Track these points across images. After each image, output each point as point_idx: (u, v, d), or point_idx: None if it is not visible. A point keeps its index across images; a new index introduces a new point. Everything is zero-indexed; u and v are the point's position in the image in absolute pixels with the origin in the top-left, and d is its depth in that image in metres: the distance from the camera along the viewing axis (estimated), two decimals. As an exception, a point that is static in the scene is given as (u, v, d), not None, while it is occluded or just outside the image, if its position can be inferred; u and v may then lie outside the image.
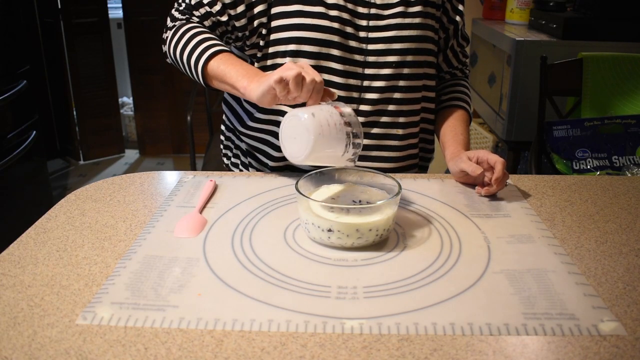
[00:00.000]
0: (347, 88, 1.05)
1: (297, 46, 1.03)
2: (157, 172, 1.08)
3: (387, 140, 1.10)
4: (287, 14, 1.03)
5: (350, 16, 1.03)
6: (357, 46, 1.05)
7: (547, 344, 0.60)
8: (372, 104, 1.07)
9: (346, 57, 1.04)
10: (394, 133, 1.10)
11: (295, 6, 1.03)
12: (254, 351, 0.58)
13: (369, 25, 1.05)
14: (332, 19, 1.02)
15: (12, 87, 2.21)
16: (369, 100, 1.07)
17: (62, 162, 3.46)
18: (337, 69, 1.04)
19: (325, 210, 0.79)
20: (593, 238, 0.83)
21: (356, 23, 1.04)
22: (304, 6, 1.02)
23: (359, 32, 1.04)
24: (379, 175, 0.88)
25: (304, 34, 1.02)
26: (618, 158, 1.56)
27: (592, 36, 1.96)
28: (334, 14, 1.02)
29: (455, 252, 0.78)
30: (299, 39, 1.03)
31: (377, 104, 1.07)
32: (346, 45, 1.04)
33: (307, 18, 1.02)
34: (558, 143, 1.62)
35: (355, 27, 1.04)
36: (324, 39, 1.02)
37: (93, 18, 3.26)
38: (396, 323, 0.63)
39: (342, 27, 1.03)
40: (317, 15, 1.02)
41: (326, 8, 1.02)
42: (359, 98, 1.07)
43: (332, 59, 1.04)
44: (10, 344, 0.59)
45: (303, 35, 1.02)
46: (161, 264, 0.74)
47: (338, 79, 1.05)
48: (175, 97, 3.43)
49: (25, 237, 0.82)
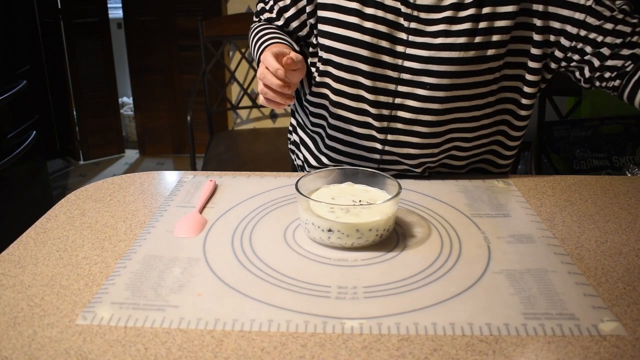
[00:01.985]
0: (377, 105, 0.98)
1: (328, 55, 1.00)
2: (157, 172, 1.08)
3: (417, 159, 1.02)
4: (324, 20, 0.99)
5: (388, 28, 0.94)
6: (392, 62, 0.95)
7: (547, 344, 0.60)
8: (405, 123, 0.99)
9: (376, 73, 0.96)
10: (427, 153, 1.01)
11: (332, 13, 0.97)
12: (254, 351, 0.58)
13: (408, 39, 0.94)
14: (364, 32, 0.94)
15: (12, 87, 2.21)
16: (401, 119, 0.99)
17: (62, 162, 3.46)
18: (365, 84, 0.97)
19: (325, 210, 0.79)
20: (593, 238, 0.83)
21: (395, 36, 0.94)
22: (339, 14, 0.96)
23: (396, 46, 0.94)
24: (379, 175, 0.88)
25: (332, 44, 0.98)
26: (618, 158, 1.56)
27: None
28: (368, 26, 0.94)
29: (455, 252, 0.78)
30: (330, 48, 0.99)
31: (410, 124, 0.99)
32: (377, 60, 0.95)
33: (339, 28, 0.96)
34: (558, 143, 1.62)
35: (392, 41, 0.94)
36: (351, 52, 0.96)
37: (93, 18, 3.26)
38: (396, 323, 0.63)
39: (374, 41, 0.94)
40: (350, 26, 0.95)
41: (361, 19, 0.94)
42: (390, 116, 0.99)
43: (359, 73, 0.97)
44: (10, 344, 0.59)
45: (334, 45, 0.98)
46: (161, 264, 0.74)
47: (367, 95, 0.98)
48: (175, 97, 3.43)
49: (25, 237, 0.82)
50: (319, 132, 1.10)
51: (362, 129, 1.02)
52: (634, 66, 0.90)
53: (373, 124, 1.00)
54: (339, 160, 1.08)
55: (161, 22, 3.28)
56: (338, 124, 1.04)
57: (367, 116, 1.00)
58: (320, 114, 1.07)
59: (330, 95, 1.02)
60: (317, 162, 1.12)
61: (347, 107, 1.01)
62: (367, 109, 0.99)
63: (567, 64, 0.97)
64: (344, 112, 1.02)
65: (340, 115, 1.02)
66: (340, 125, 1.04)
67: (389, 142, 1.01)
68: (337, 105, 1.02)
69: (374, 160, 1.05)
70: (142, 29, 3.29)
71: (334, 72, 1.00)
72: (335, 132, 1.05)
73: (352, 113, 1.01)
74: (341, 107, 1.02)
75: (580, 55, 0.94)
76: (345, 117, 1.02)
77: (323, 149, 1.09)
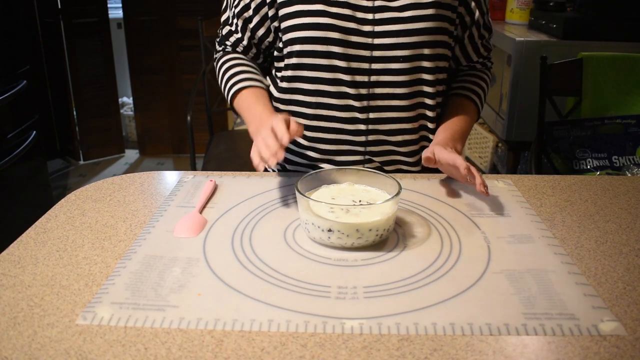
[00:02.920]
0: (355, 85, 1.04)
1: (301, 46, 1.04)
2: (157, 172, 1.08)
3: (401, 135, 1.09)
4: (289, 15, 1.04)
5: (351, 11, 1.01)
6: (362, 41, 1.01)
7: (547, 344, 0.60)
8: (383, 99, 1.05)
9: (350, 54, 1.02)
10: (409, 127, 1.09)
11: (296, 6, 1.03)
12: (254, 351, 0.58)
13: (374, 18, 1.01)
14: (331, 16, 1.01)
15: (12, 87, 2.21)
16: (378, 95, 1.05)
17: (62, 162, 3.46)
18: (341, 66, 1.02)
19: (325, 210, 0.79)
20: (593, 238, 0.83)
21: (359, 17, 1.01)
22: (304, 5, 1.02)
23: (362, 27, 1.01)
24: (379, 175, 0.88)
25: (303, 34, 1.03)
26: (618, 158, 1.56)
27: (592, 36, 1.96)
28: (333, 11, 1.01)
29: (455, 252, 0.78)
30: (301, 38, 1.03)
31: (388, 98, 1.05)
32: (348, 41, 1.01)
33: (305, 17, 1.02)
34: (558, 143, 1.62)
35: (358, 22, 1.01)
36: (322, 37, 1.01)
37: (93, 18, 3.26)
38: (396, 323, 0.63)
39: (342, 23, 1.01)
40: (316, 13, 1.02)
41: (326, 5, 1.01)
42: (368, 94, 1.05)
43: (334, 56, 1.02)
44: (10, 344, 0.59)
45: (303, 35, 1.03)
46: (161, 264, 0.74)
47: (344, 76, 1.03)
48: (175, 97, 3.43)
49: (25, 237, 0.82)
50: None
51: (344, 113, 1.06)
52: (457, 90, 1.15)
53: (354, 104, 1.05)
54: (325, 151, 1.10)
55: (161, 22, 3.28)
56: (319, 112, 1.07)
57: (348, 98, 1.05)
58: (293, 111, 1.10)
59: (306, 86, 1.06)
60: (302, 158, 1.13)
61: (327, 93, 1.05)
62: (346, 91, 1.04)
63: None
64: (324, 99, 1.06)
65: (320, 103, 1.06)
66: (321, 114, 1.07)
67: (371, 120, 1.06)
68: (315, 93, 1.06)
69: (359, 143, 1.08)
70: (142, 29, 3.29)
71: (310, 62, 1.04)
72: (317, 121, 1.08)
73: (332, 98, 1.06)
74: (321, 95, 1.06)
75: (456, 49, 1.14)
76: (325, 104, 1.06)
77: (305, 143, 1.11)
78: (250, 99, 1.08)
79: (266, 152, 0.84)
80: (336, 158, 1.10)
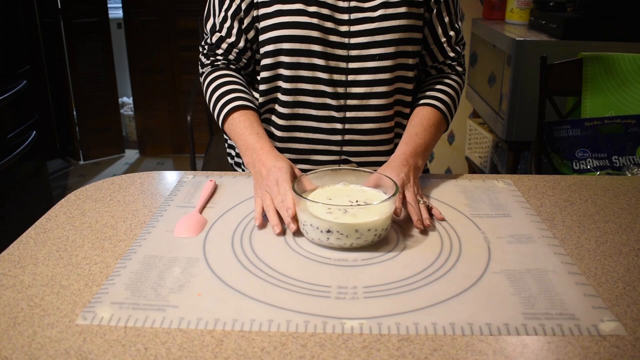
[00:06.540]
0: (332, 84, 1.04)
1: (275, 45, 1.03)
2: (157, 172, 1.08)
3: (377, 134, 1.09)
4: (268, 15, 1.04)
5: (330, 11, 1.02)
6: (339, 40, 1.03)
7: (547, 344, 0.60)
8: (359, 98, 1.06)
9: (328, 52, 1.03)
10: (385, 127, 1.09)
11: (275, 6, 1.03)
12: (254, 351, 0.58)
13: (350, 18, 1.03)
14: (311, 15, 1.01)
15: (12, 87, 2.21)
16: (355, 94, 1.06)
17: (62, 162, 3.46)
18: (319, 64, 1.03)
19: (323, 211, 0.79)
20: (593, 238, 0.83)
21: (336, 17, 1.02)
22: (283, 5, 1.02)
23: (339, 27, 1.03)
24: (377, 175, 0.88)
25: (283, 32, 1.02)
26: (618, 158, 1.56)
27: (592, 36, 1.96)
28: (312, 10, 1.01)
29: (455, 252, 0.78)
30: (278, 38, 1.03)
31: (365, 98, 1.06)
32: (327, 40, 1.02)
33: (285, 16, 1.02)
34: (558, 143, 1.62)
35: (335, 22, 1.02)
36: (303, 35, 1.01)
37: (93, 18, 3.26)
38: (396, 323, 0.63)
39: (321, 22, 1.02)
40: (296, 12, 1.02)
41: (305, 4, 1.01)
42: (345, 93, 1.05)
43: (313, 54, 1.03)
44: (10, 344, 0.59)
45: (282, 33, 1.02)
46: (161, 264, 0.74)
47: (322, 75, 1.04)
48: (175, 97, 3.43)
49: (25, 237, 0.82)
50: (268, 130, 1.12)
51: (320, 111, 1.07)
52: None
53: (331, 103, 1.06)
54: (300, 150, 1.11)
55: (161, 22, 3.28)
56: (296, 111, 1.08)
57: (325, 97, 1.06)
58: (271, 109, 1.10)
59: (285, 85, 1.06)
60: None
61: (305, 92, 1.06)
62: (324, 89, 1.05)
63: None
64: (302, 97, 1.06)
65: (298, 102, 1.07)
66: (298, 112, 1.08)
67: (347, 119, 1.07)
68: (294, 92, 1.06)
69: (335, 143, 1.09)
70: (142, 29, 3.29)
71: (289, 60, 1.04)
72: (294, 120, 1.08)
73: (309, 96, 1.06)
74: (299, 93, 1.06)
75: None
76: (303, 102, 1.07)
77: (280, 145, 1.11)
78: (243, 124, 1.02)
79: (277, 229, 0.83)
80: (312, 157, 1.11)
